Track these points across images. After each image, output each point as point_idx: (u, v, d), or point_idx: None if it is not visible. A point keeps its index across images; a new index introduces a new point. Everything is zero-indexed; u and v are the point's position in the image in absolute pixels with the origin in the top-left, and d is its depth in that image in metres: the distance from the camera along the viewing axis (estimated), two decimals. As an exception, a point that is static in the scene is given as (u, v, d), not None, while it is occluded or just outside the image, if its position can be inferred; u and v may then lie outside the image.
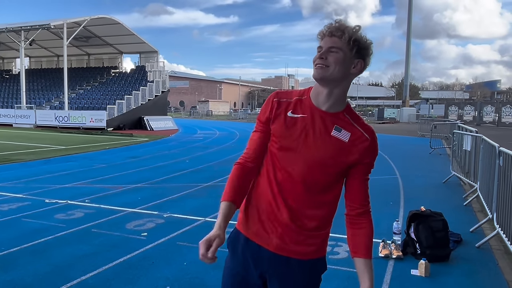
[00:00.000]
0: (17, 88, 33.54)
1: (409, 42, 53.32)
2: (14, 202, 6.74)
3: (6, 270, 4.00)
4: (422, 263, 4.03)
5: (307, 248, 1.65)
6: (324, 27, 1.60)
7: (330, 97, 1.60)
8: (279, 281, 1.66)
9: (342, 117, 1.62)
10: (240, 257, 1.69)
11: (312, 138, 1.59)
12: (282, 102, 1.67)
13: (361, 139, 1.62)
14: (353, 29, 1.56)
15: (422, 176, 10.25)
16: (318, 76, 1.57)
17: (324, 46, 1.57)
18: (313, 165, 1.59)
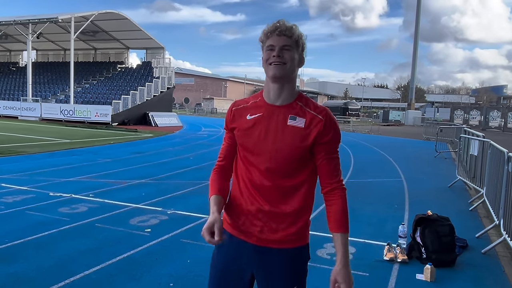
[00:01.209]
0: (24, 81, 33.65)
1: (417, 45, 53.14)
2: (19, 194, 6.74)
3: (9, 263, 4.00)
4: (428, 267, 4.00)
5: (286, 237, 1.74)
6: (268, 28, 1.72)
7: (282, 92, 1.74)
8: (265, 273, 1.76)
9: (294, 106, 1.74)
10: (226, 253, 1.80)
11: (272, 132, 1.72)
12: (240, 108, 1.83)
13: (315, 121, 1.72)
14: (297, 29, 1.73)
15: (427, 179, 10.19)
16: (278, 73, 1.69)
17: (276, 45, 1.69)
18: (277, 157, 1.71)
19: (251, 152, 1.76)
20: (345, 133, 28.74)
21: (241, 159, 1.81)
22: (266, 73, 1.75)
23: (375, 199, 7.58)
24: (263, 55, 1.74)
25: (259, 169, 1.74)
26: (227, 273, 1.80)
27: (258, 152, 1.74)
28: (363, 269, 4.18)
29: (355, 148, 17.60)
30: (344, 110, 49.05)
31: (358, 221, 6.03)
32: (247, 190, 1.77)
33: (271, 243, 1.74)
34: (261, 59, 1.77)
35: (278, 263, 1.74)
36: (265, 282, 1.77)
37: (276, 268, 1.75)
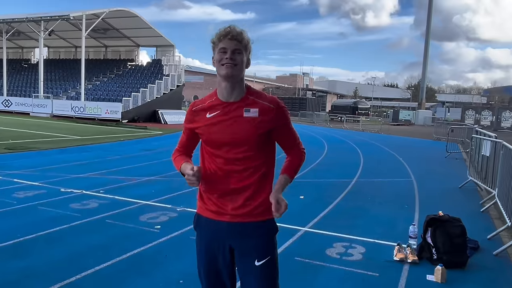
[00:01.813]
0: (35, 78, 34.00)
1: (428, 44, 52.67)
2: (31, 190, 6.82)
3: (21, 257, 4.05)
4: (439, 268, 3.96)
5: (253, 210, 2.01)
6: (220, 32, 1.95)
7: (233, 90, 1.98)
8: (241, 245, 2.03)
9: (247, 100, 1.99)
10: (205, 236, 2.09)
11: (231, 125, 1.96)
12: (198, 109, 2.07)
13: (267, 109, 1.99)
14: (246, 34, 1.97)
15: (437, 180, 10.10)
16: (230, 73, 1.92)
17: (228, 48, 1.92)
18: (239, 146, 1.97)
19: (215, 145, 2.01)
20: (355, 132, 28.59)
21: (207, 153, 2.06)
22: (218, 72, 1.97)
23: (384, 199, 7.53)
24: (215, 56, 1.96)
25: (224, 158, 2.00)
26: (210, 251, 2.07)
27: (221, 144, 1.99)
28: (373, 269, 4.16)
29: (365, 147, 17.51)
30: (353, 109, 48.68)
31: (368, 220, 6.01)
32: (216, 178, 2.03)
33: (243, 218, 2.01)
34: (212, 59, 2.00)
35: (251, 235, 2.02)
36: (242, 254, 2.04)
37: (250, 240, 2.02)
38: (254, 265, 2.01)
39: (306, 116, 43.66)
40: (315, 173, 10.06)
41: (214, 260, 2.08)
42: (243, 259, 2.04)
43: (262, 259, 2.02)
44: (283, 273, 3.96)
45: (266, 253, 2.04)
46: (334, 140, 20.82)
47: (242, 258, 2.04)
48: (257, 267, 2.01)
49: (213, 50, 1.99)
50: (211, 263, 2.09)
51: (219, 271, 2.08)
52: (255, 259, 2.01)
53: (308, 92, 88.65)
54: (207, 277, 2.12)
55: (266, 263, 2.02)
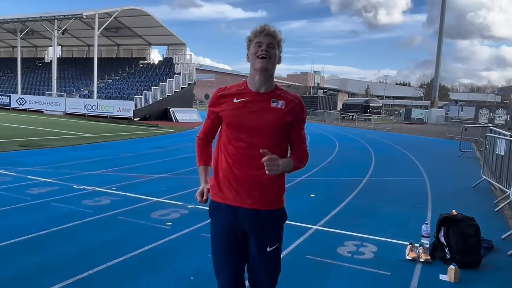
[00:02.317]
0: (49, 76, 34.39)
1: (441, 42, 52.04)
2: (44, 186, 6.91)
3: (35, 252, 4.10)
4: (452, 268, 3.91)
5: (269, 198, 2.19)
6: (257, 29, 2.15)
7: (265, 82, 2.17)
8: (255, 231, 2.20)
9: (275, 93, 2.21)
10: (223, 220, 2.21)
11: (258, 112, 2.15)
12: (226, 93, 2.23)
13: (293, 103, 2.20)
14: (279, 33, 2.18)
15: (450, 179, 9.98)
16: (265, 66, 2.12)
17: (264, 42, 2.12)
18: (263, 132, 2.14)
19: (238, 128, 2.16)
20: (366, 130, 28.40)
21: (228, 137, 2.19)
22: (252, 65, 2.16)
23: (397, 198, 7.46)
24: (251, 50, 2.15)
25: (246, 142, 2.14)
26: (226, 234, 2.21)
27: (245, 128, 2.14)
28: (385, 268, 4.12)
29: (376, 146, 17.38)
30: (365, 107, 48.31)
31: (380, 219, 5.96)
32: (235, 163, 2.15)
33: (258, 205, 2.16)
34: (246, 55, 2.20)
35: (265, 222, 2.19)
36: (256, 239, 2.20)
37: (264, 227, 2.20)
38: (266, 250, 2.21)
39: (317, 115, 43.47)
40: (326, 172, 10.02)
41: (230, 243, 2.22)
42: (256, 244, 2.21)
43: (273, 246, 2.23)
44: (294, 271, 3.98)
45: (276, 240, 2.25)
46: (345, 139, 20.71)
47: (255, 243, 2.21)
48: (268, 253, 2.21)
49: (248, 47, 2.19)
50: (228, 246, 2.22)
51: (234, 253, 2.22)
52: (267, 246, 2.21)
53: (319, 90, 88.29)
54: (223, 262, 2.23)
55: (275, 249, 2.24)
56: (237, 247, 2.22)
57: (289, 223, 5.53)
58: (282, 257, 4.22)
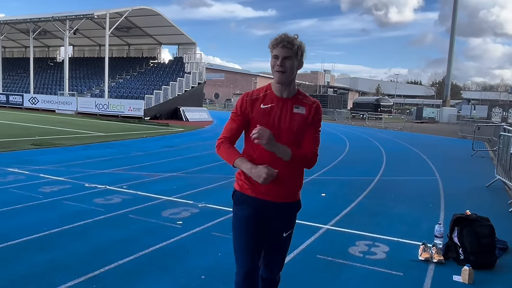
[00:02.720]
0: (61, 76, 34.75)
1: (453, 40, 51.42)
2: (56, 184, 6.97)
3: (48, 250, 4.13)
4: (466, 269, 3.85)
5: (291, 192, 2.44)
6: (275, 40, 2.25)
7: (286, 89, 2.35)
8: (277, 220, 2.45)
9: (297, 98, 2.38)
10: (250, 209, 2.39)
11: (282, 117, 2.33)
12: (254, 98, 2.38)
13: (311, 107, 2.38)
14: (297, 40, 2.26)
15: (463, 178, 9.85)
16: (280, 81, 2.30)
17: (280, 55, 2.24)
18: (287, 135, 2.32)
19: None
20: (377, 130, 28.19)
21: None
22: (273, 75, 2.32)
23: (408, 197, 7.39)
24: (270, 61, 2.30)
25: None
26: (249, 222, 2.40)
27: (272, 131, 2.23)
28: (397, 269, 4.08)
29: (387, 145, 17.24)
30: (375, 106, 47.89)
31: (391, 219, 5.90)
32: (263, 163, 2.29)
33: (283, 199, 2.41)
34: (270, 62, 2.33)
35: (285, 213, 2.46)
36: (276, 226, 2.46)
37: (284, 216, 2.47)
38: (282, 236, 2.48)
39: (327, 114, 43.24)
40: (336, 171, 9.96)
41: (252, 230, 2.42)
42: (275, 231, 2.47)
43: (288, 231, 2.50)
44: (305, 270, 3.95)
45: (291, 227, 2.52)
46: (356, 138, 20.58)
47: (274, 229, 2.46)
48: (284, 238, 2.49)
49: (271, 55, 2.32)
50: (253, 232, 2.42)
51: (255, 238, 2.43)
52: (284, 232, 2.48)
53: (329, 89, 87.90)
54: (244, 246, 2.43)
55: (289, 234, 2.52)
56: (258, 234, 2.43)
57: (300, 223, 5.50)
58: (293, 257, 4.24)
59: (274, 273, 2.56)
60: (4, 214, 5.27)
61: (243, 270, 2.43)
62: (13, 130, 15.81)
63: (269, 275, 2.56)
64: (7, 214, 5.28)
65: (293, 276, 3.83)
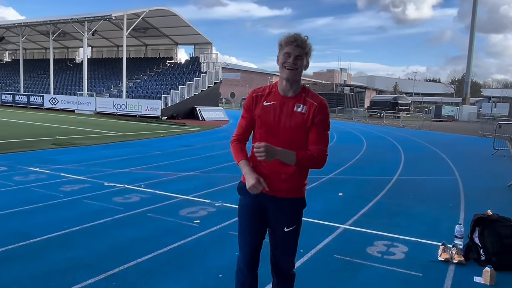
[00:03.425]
0: (80, 76, 35.34)
1: (473, 36, 50.46)
2: (76, 183, 7.10)
3: (69, 248, 4.21)
4: (487, 270, 3.78)
5: (292, 188, 2.43)
6: (288, 38, 2.28)
7: (291, 87, 2.38)
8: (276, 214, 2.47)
9: (300, 97, 2.39)
10: (250, 199, 2.46)
11: (283, 115, 2.36)
12: (259, 95, 2.44)
13: (312, 106, 2.36)
14: (308, 41, 2.31)
15: (484, 178, 9.67)
16: (290, 77, 2.32)
17: (292, 54, 2.28)
18: (285, 133, 2.36)
19: (267, 128, 2.39)
20: (395, 128, 27.85)
21: (261, 134, 2.41)
22: (280, 73, 2.34)
23: (428, 197, 7.28)
24: (280, 58, 2.32)
25: (276, 140, 2.33)
26: (251, 211, 2.49)
27: (271, 129, 2.37)
28: (416, 269, 4.03)
29: (406, 144, 17.02)
30: (393, 105, 47.29)
31: (410, 219, 5.83)
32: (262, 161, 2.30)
33: (281, 193, 2.42)
34: (276, 58, 2.36)
35: (288, 208, 2.46)
36: (277, 222, 2.48)
37: (284, 211, 2.46)
38: (284, 231, 2.48)
39: (344, 112, 42.98)
40: (354, 170, 9.88)
41: (253, 218, 2.50)
42: (276, 225, 2.49)
43: (290, 227, 2.48)
44: (323, 270, 3.93)
45: (294, 223, 2.49)
46: (373, 137, 20.37)
47: (275, 223, 2.49)
48: (286, 233, 2.48)
49: (279, 51, 2.34)
50: (251, 220, 2.51)
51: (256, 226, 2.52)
52: (285, 226, 2.47)
53: (346, 88, 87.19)
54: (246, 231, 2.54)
55: (292, 231, 2.49)
56: (258, 223, 2.51)
57: (316, 222, 5.51)
58: (310, 256, 4.22)
59: (283, 268, 2.58)
60: (26, 212, 5.39)
61: (244, 257, 2.57)
62: (34, 130, 16.16)
63: (279, 271, 2.60)
64: (29, 212, 5.40)
65: (310, 275, 3.82)
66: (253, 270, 2.61)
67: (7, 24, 37.58)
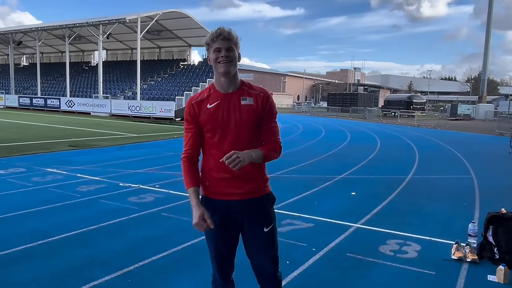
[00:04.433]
0: (95, 79, 35.88)
1: (489, 33, 49.68)
2: (92, 184, 7.24)
3: (85, 246, 4.32)
4: (501, 268, 3.75)
5: (256, 187, 2.34)
6: (213, 34, 2.22)
7: (231, 82, 2.28)
8: (249, 218, 2.35)
9: (242, 90, 2.31)
10: (216, 215, 2.30)
11: (231, 112, 2.25)
12: (198, 101, 2.31)
13: (259, 97, 2.31)
14: (234, 33, 2.25)
15: (500, 177, 9.53)
16: (228, 70, 2.21)
17: (222, 47, 2.21)
18: (239, 129, 2.25)
19: (218, 130, 2.26)
20: (409, 128, 27.59)
21: (210, 141, 2.30)
22: (215, 70, 2.25)
23: (442, 196, 7.22)
24: (211, 56, 2.24)
25: (227, 142, 2.25)
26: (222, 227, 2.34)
27: (224, 129, 2.25)
28: (429, 268, 4.02)
29: (420, 143, 16.86)
30: (408, 104, 46.88)
31: (424, 218, 5.80)
32: (220, 165, 2.21)
33: (248, 195, 2.31)
34: (208, 59, 2.31)
35: (257, 208, 2.35)
36: (251, 224, 2.36)
37: (257, 212, 2.35)
38: (263, 231, 2.37)
39: (357, 112, 42.72)
40: (367, 170, 9.85)
41: (227, 232, 2.39)
42: (253, 228, 2.37)
43: (269, 226, 2.38)
44: (335, 268, 3.96)
45: (271, 221, 2.40)
46: (387, 136, 20.22)
47: (251, 227, 2.37)
48: (265, 233, 2.38)
49: (208, 51, 2.27)
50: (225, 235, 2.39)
51: (230, 240, 2.42)
52: (264, 227, 2.37)
53: (359, 87, 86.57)
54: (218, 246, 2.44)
55: (271, 229, 2.40)
56: (231, 236, 2.41)
57: (329, 221, 5.53)
58: (323, 255, 4.25)
59: (267, 269, 2.46)
60: (44, 212, 5.54)
61: (219, 269, 2.54)
62: (51, 132, 16.48)
63: (263, 271, 2.48)
64: (47, 212, 5.54)
65: (322, 274, 3.85)
66: (229, 278, 2.61)
67: (24, 29, 38.38)
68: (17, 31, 38.04)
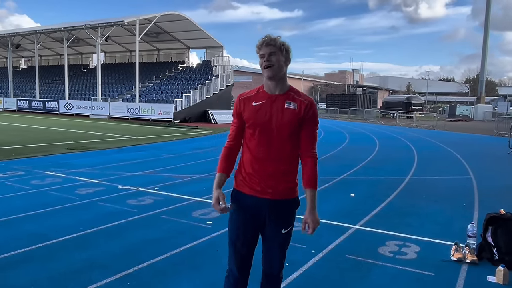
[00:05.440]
0: (94, 82, 35.86)
1: (487, 34, 49.74)
2: (91, 187, 7.23)
3: (84, 249, 4.31)
4: (501, 269, 3.75)
5: (288, 189, 2.44)
6: (259, 42, 2.36)
7: (277, 85, 2.41)
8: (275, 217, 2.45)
9: (289, 94, 2.42)
10: (245, 208, 2.45)
11: (274, 113, 2.37)
12: (246, 98, 2.47)
13: (303, 104, 2.40)
14: (279, 39, 2.37)
15: (499, 178, 9.54)
16: (270, 74, 2.35)
17: (265, 53, 2.34)
18: (279, 130, 2.36)
19: (258, 128, 2.38)
20: (408, 129, 27.62)
21: (251, 135, 2.42)
22: (263, 74, 2.38)
23: (441, 197, 7.23)
24: (259, 62, 2.39)
25: (265, 140, 2.37)
26: (246, 220, 2.46)
27: (264, 128, 2.37)
28: (428, 269, 4.02)
29: (419, 144, 16.88)
30: (406, 105, 46.91)
31: (423, 219, 5.80)
32: (259, 160, 2.39)
33: (279, 196, 2.41)
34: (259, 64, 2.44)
35: (284, 210, 2.45)
36: (274, 224, 2.45)
37: (282, 213, 2.45)
38: (281, 232, 2.48)
39: (356, 113, 42.78)
40: (366, 171, 9.85)
41: (250, 227, 2.48)
42: (274, 228, 2.47)
43: (287, 228, 2.49)
44: (334, 270, 3.96)
45: (290, 223, 2.51)
46: (386, 137, 20.24)
47: (273, 227, 2.46)
48: (283, 234, 2.48)
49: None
50: (247, 230, 2.49)
51: (251, 236, 2.50)
52: (283, 228, 2.47)
53: (358, 88, 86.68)
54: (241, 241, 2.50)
55: (289, 231, 2.51)
56: (253, 232, 2.50)
57: (328, 223, 5.52)
58: (322, 256, 4.25)
59: (274, 269, 2.55)
60: (43, 215, 5.52)
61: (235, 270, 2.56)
62: (50, 135, 16.46)
63: (270, 271, 2.56)
64: (46, 215, 5.53)
65: (322, 275, 3.84)
66: (247, 272, 2.61)
67: (22, 31, 38.40)
68: (15, 34, 38.05)
